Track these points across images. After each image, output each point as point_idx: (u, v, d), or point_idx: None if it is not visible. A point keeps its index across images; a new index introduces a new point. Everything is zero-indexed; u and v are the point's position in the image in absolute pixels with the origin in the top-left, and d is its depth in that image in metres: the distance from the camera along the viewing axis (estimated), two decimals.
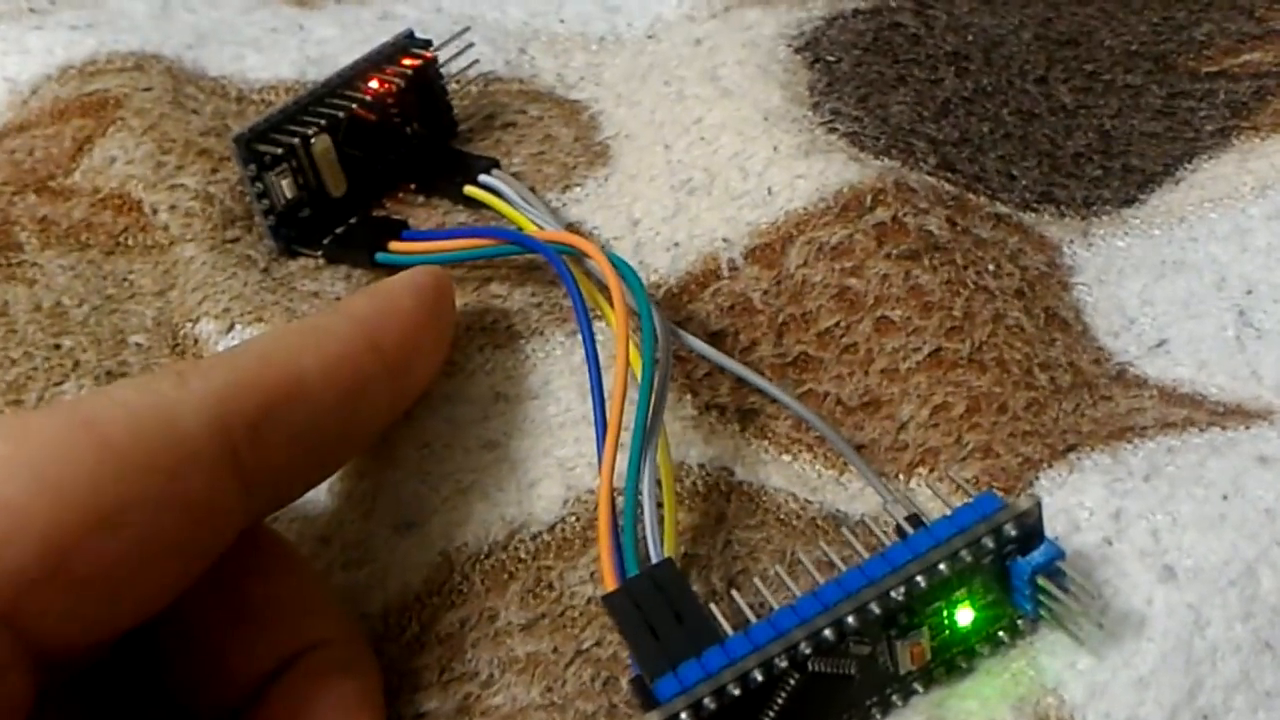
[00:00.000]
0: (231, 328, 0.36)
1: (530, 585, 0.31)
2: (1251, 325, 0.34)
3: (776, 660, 0.24)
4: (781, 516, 0.32)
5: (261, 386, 0.27)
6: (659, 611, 0.26)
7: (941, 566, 0.25)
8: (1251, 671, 0.26)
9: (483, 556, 0.31)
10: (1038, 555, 0.26)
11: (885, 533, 0.29)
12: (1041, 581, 0.26)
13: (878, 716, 0.27)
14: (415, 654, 0.30)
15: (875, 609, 0.25)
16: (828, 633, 0.25)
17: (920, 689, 0.27)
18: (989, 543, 0.26)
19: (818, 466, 0.33)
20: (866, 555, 0.26)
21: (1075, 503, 0.29)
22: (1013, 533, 0.26)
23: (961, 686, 0.27)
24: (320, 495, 0.33)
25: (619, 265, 0.32)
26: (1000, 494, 0.26)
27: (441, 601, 0.30)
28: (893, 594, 0.25)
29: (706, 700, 0.24)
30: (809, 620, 0.25)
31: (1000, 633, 0.27)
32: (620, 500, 0.29)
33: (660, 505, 0.29)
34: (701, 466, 0.32)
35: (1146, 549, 0.28)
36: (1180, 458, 0.30)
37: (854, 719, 0.26)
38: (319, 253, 0.38)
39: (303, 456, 0.29)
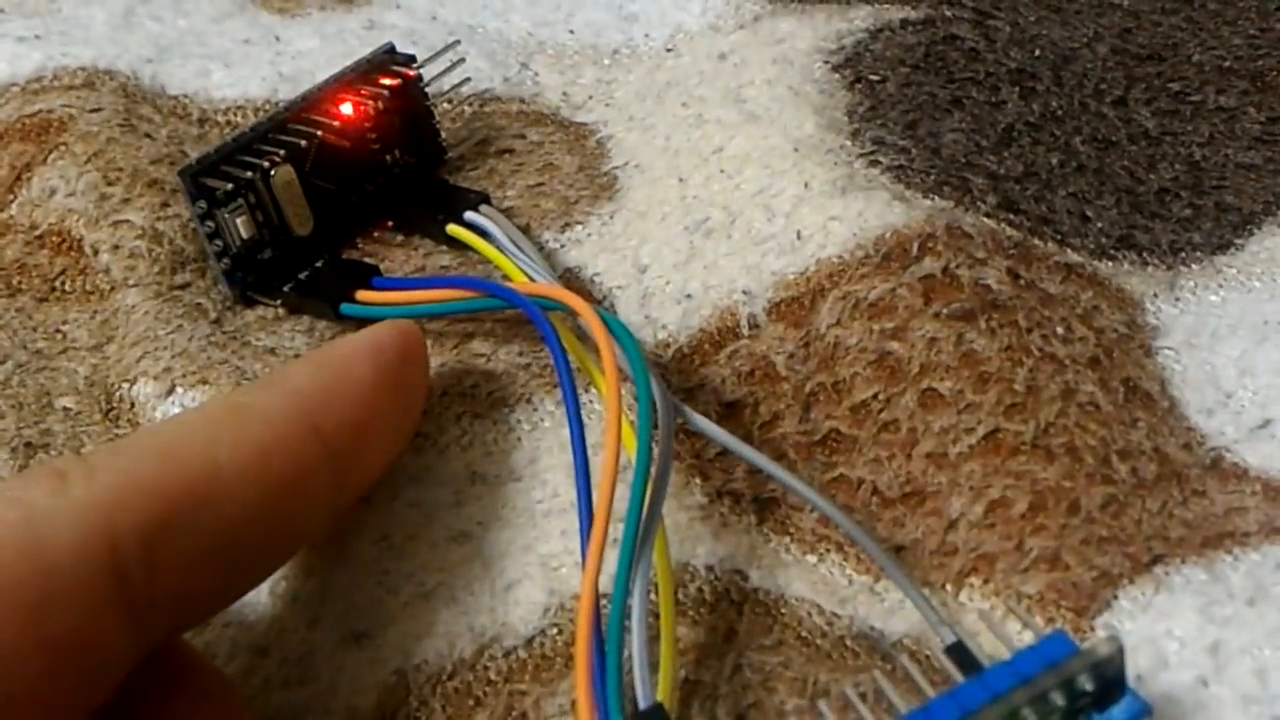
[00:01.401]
0: (172, 390, 0.32)
1: (500, 715, 0.26)
2: None
3: None
4: (803, 634, 0.27)
5: (161, 489, 0.23)
6: None
7: None
8: None
9: (445, 677, 0.27)
10: (1118, 712, 0.22)
11: (931, 663, 0.25)
12: None
13: None
14: None
15: None
16: None
17: None
18: (1058, 699, 0.21)
19: (849, 570, 0.28)
20: (901, 707, 0.22)
21: (1163, 631, 0.25)
22: (1088, 686, 0.21)
23: None
24: (260, 596, 0.28)
25: (612, 326, 0.28)
26: (1071, 633, 0.22)
27: None
28: None
29: None
30: None
31: None
32: (606, 614, 0.24)
33: (656, 616, 0.25)
34: (710, 569, 0.28)
35: (1251, 694, 0.23)
36: None
37: None
38: (278, 301, 0.34)
39: (215, 569, 0.24)
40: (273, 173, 0.34)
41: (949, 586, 0.27)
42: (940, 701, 0.21)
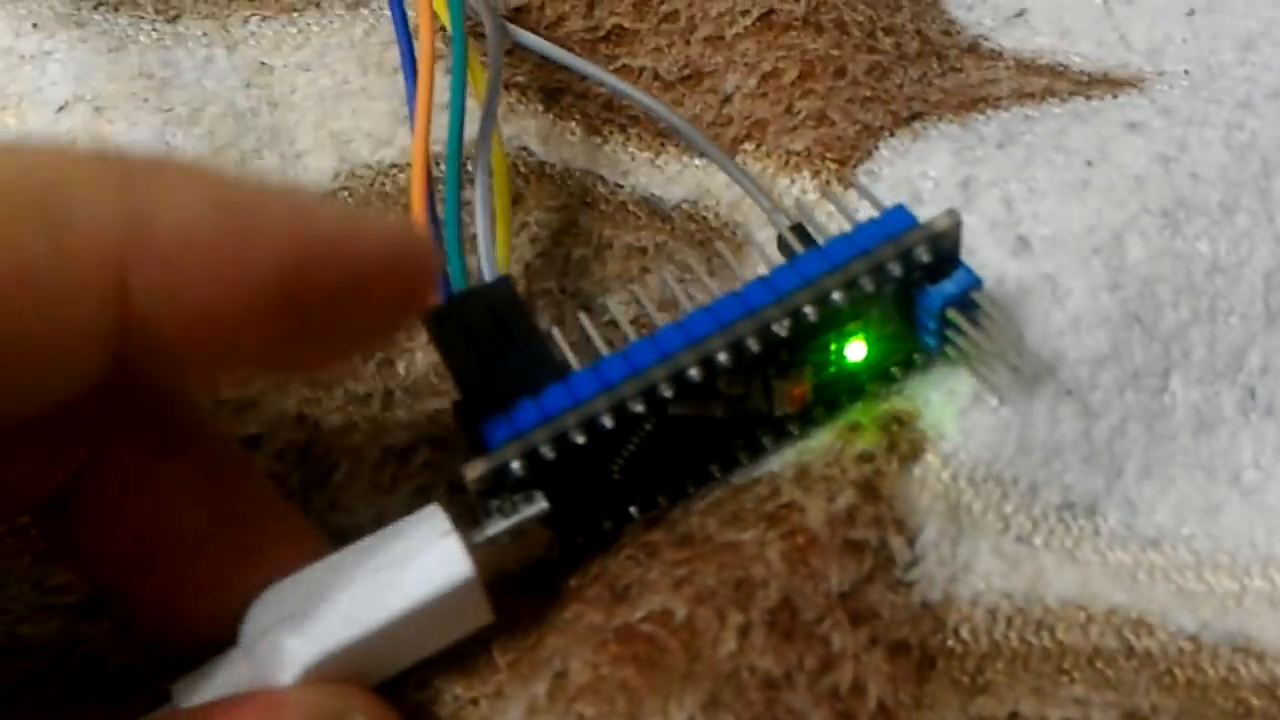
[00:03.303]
0: None
1: None
2: None
3: (630, 404, 0.21)
4: (588, 200, 0.28)
5: None
6: (490, 337, 0.22)
7: (836, 296, 0.21)
8: (1120, 347, 0.24)
9: None
10: (950, 285, 0.22)
11: (708, 224, 0.27)
12: (952, 316, 0.22)
13: (744, 460, 0.23)
14: None
15: (753, 345, 0.21)
16: (693, 372, 0.21)
17: (795, 431, 0.23)
18: (895, 269, 0.22)
19: (631, 148, 0.29)
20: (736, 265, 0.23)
21: (918, 172, 0.26)
22: (925, 258, 0.22)
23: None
24: None
25: None
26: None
27: None
28: (775, 328, 0.21)
29: (544, 449, 0.20)
30: (672, 356, 0.21)
31: (893, 369, 0.23)
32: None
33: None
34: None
35: (998, 219, 0.25)
36: (1039, 125, 0.27)
37: (717, 461, 0.23)
38: None
39: None
40: None
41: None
42: (782, 271, 0.22)
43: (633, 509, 0.22)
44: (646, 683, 0.20)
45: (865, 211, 0.23)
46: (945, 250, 0.22)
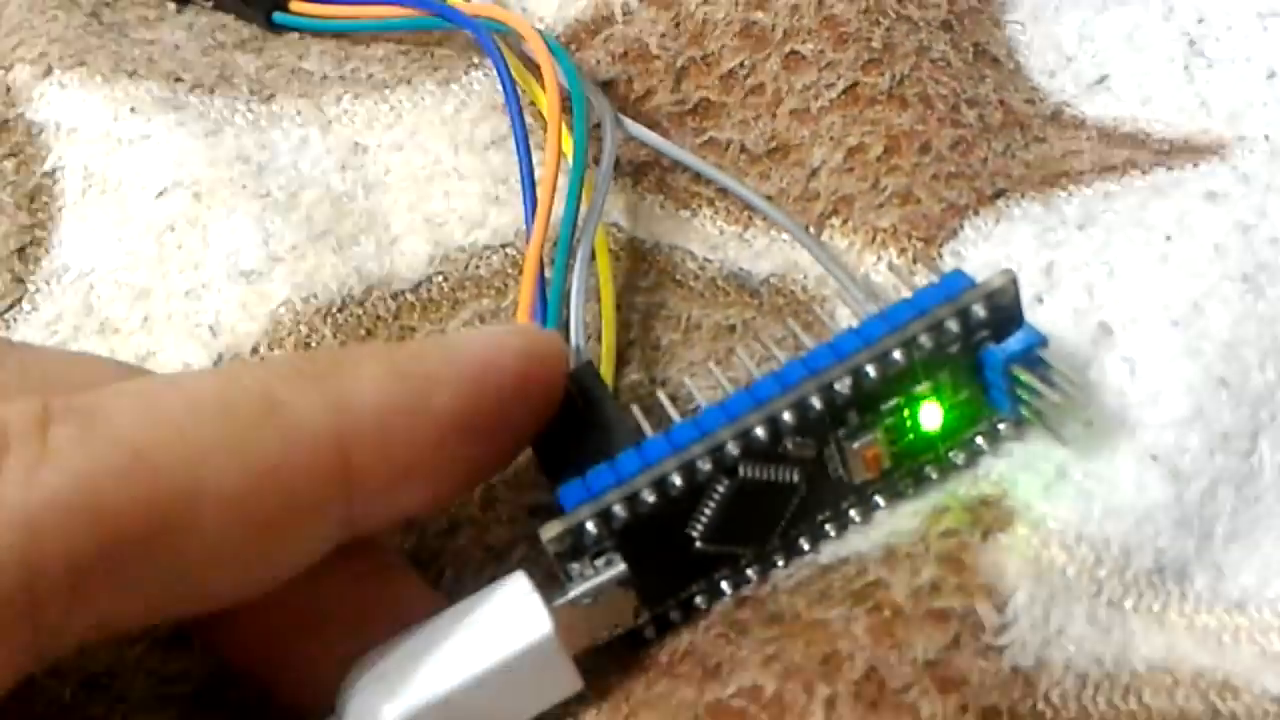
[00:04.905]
0: (49, 71, 0.34)
1: None
2: (1202, 55, 0.33)
3: (698, 463, 0.22)
4: (678, 277, 0.30)
5: (111, 507, 0.18)
6: (574, 415, 0.24)
7: (896, 354, 0.23)
8: (1207, 409, 0.25)
9: (335, 310, 0.29)
10: (1013, 343, 0.23)
11: (796, 298, 0.29)
12: (1018, 373, 0.24)
13: (832, 533, 0.24)
14: None
15: (816, 403, 0.23)
16: (759, 431, 0.23)
17: (883, 503, 0.25)
18: (953, 326, 0.23)
19: (720, 222, 0.31)
20: (809, 341, 0.25)
21: (1002, 256, 0.28)
22: (982, 314, 0.23)
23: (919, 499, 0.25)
24: (145, 246, 0.31)
25: (551, 46, 0.31)
26: (967, 271, 0.25)
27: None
28: (837, 386, 0.23)
29: (617, 508, 0.22)
30: (737, 418, 0.23)
31: (978, 439, 0.25)
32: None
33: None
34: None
35: (1080, 307, 0.27)
36: (1119, 202, 0.29)
37: (804, 534, 0.24)
38: (209, 2, 0.36)
39: (155, 603, 0.20)
40: None
41: (811, 229, 0.30)
42: (843, 336, 0.23)
43: (725, 584, 0.24)
44: None
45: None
46: (1003, 307, 0.23)
